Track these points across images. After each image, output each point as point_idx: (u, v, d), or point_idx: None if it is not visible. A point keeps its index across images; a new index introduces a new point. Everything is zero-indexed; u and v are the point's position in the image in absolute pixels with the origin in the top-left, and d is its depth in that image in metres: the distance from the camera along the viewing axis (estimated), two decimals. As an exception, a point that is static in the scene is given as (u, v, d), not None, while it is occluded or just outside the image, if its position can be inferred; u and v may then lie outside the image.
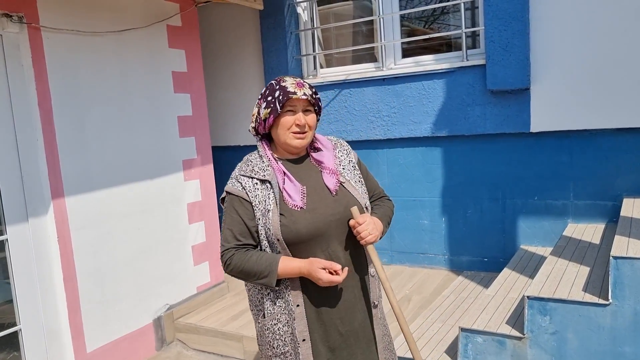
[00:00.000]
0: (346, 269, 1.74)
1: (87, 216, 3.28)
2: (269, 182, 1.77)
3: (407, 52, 4.53)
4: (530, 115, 3.85)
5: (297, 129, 1.77)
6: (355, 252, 1.86)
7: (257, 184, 1.77)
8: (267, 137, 1.88)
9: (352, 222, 1.79)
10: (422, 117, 4.27)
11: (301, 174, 1.84)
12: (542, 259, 3.73)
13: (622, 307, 2.35)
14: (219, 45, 5.15)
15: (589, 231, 3.60)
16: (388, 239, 4.63)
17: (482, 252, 4.25)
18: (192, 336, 3.80)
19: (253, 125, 1.86)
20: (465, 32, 4.04)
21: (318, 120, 1.88)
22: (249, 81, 5.03)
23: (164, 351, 3.77)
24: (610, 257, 2.33)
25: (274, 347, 1.84)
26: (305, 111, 1.79)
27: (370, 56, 4.73)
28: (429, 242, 4.47)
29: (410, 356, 2.68)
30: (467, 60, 4.07)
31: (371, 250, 1.85)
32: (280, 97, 1.74)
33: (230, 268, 1.79)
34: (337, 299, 1.83)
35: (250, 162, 1.82)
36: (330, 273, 1.71)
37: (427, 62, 4.33)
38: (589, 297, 2.44)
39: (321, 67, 4.89)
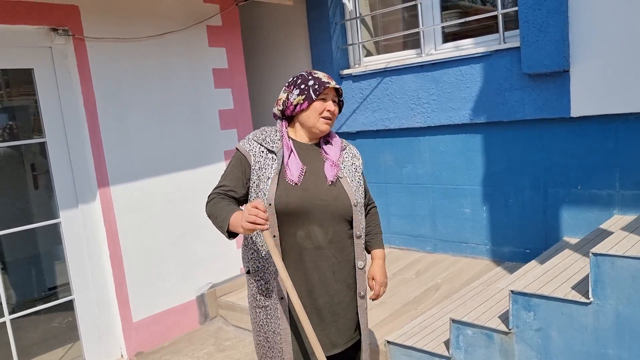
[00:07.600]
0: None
1: (130, 202, 3.70)
2: (275, 154, 2.00)
3: (450, 36, 4.42)
4: (570, 99, 3.59)
5: (328, 114, 2.00)
6: (337, 240, 2.02)
7: (264, 152, 2.01)
8: (288, 120, 2.11)
9: (372, 282, 2.22)
10: (461, 103, 4.16)
11: (307, 157, 2.04)
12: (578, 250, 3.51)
13: (604, 307, 2.20)
14: (266, 41, 5.39)
15: (633, 224, 3.30)
16: (431, 227, 4.59)
17: (524, 242, 4.07)
18: (232, 313, 4.13)
19: (280, 108, 2.08)
20: (501, 13, 3.86)
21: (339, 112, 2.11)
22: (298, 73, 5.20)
23: (207, 325, 4.15)
24: (590, 254, 2.20)
25: (256, 300, 2.10)
26: (333, 101, 2.03)
27: (414, 42, 4.67)
28: (470, 231, 4.37)
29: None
30: (505, 42, 3.89)
31: None
32: (316, 86, 1.98)
33: (206, 207, 2.06)
34: (314, 274, 2.01)
35: (265, 132, 2.06)
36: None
37: (466, 47, 4.19)
38: (573, 295, 2.31)
39: (367, 55, 4.92)
